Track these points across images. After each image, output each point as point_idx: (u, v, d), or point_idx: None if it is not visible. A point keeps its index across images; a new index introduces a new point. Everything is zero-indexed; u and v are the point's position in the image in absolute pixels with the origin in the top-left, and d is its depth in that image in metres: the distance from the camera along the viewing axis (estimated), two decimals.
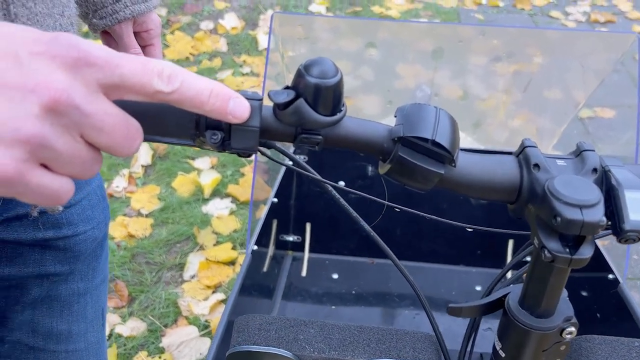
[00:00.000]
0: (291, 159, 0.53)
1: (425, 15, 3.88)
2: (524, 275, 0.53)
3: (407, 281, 0.66)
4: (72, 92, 0.36)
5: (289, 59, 1.47)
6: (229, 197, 2.30)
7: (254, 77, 3.06)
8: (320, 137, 0.46)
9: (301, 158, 1.54)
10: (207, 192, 2.29)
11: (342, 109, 0.46)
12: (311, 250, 1.58)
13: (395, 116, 0.47)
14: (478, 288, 1.55)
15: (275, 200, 1.44)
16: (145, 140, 0.44)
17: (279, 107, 0.45)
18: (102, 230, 0.82)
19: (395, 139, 0.46)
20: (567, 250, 0.45)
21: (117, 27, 0.83)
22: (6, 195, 0.37)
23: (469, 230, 0.58)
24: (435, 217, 0.55)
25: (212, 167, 2.44)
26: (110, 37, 0.86)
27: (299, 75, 0.44)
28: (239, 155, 0.47)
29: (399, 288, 1.51)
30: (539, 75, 1.65)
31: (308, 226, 1.59)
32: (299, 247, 1.60)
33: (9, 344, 0.80)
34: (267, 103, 0.47)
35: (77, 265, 0.80)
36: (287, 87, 0.45)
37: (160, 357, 1.68)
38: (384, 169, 0.47)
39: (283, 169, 1.54)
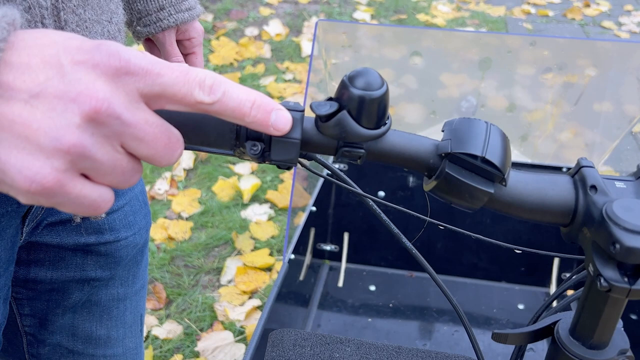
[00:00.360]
0: (332, 171, 0.51)
1: (472, 23, 3.82)
2: (574, 301, 0.50)
3: (447, 298, 0.63)
4: (113, 102, 0.36)
5: (332, 67, 1.46)
6: (267, 202, 2.30)
7: (296, 83, 3.06)
8: (362, 150, 0.44)
9: (340, 167, 1.52)
10: (246, 197, 2.30)
11: (386, 122, 0.44)
12: (348, 261, 1.56)
13: (443, 130, 0.45)
14: (520, 306, 1.49)
15: (314, 209, 1.43)
16: (185, 149, 0.43)
17: (321, 119, 0.43)
18: (143, 236, 0.82)
19: (443, 154, 0.43)
20: (626, 279, 0.42)
21: (160, 35, 0.83)
22: (46, 205, 0.37)
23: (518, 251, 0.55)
24: (481, 236, 0.53)
25: (252, 173, 2.45)
26: (153, 45, 0.87)
27: (343, 86, 0.43)
28: (278, 167, 0.46)
29: (438, 303, 1.47)
30: (590, 87, 1.59)
31: (346, 236, 1.57)
32: (336, 256, 1.58)
33: (50, 346, 0.81)
34: (309, 114, 0.45)
35: (118, 270, 0.80)
36: (330, 99, 0.44)
37: None
38: (429, 185, 0.45)
39: (322, 178, 1.53)
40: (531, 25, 3.86)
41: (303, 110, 0.44)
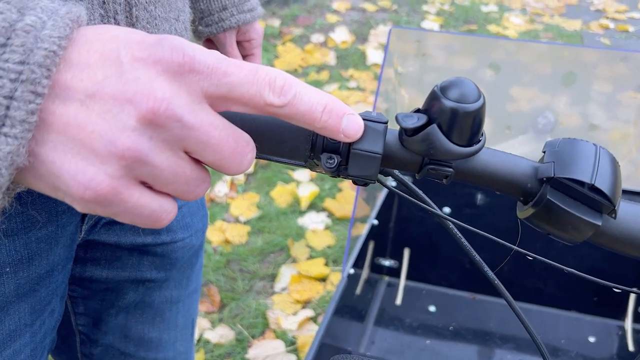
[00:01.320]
0: (412, 190, 0.46)
1: (546, 37, 3.67)
2: None
3: (525, 329, 0.57)
4: (173, 102, 0.32)
5: (402, 76, 1.41)
6: (325, 211, 2.26)
7: (360, 91, 3.02)
8: (451, 169, 0.39)
9: (406, 179, 1.46)
10: (304, 205, 2.27)
11: (480, 139, 0.39)
12: (408, 278, 1.50)
13: (544, 151, 0.40)
14: (592, 339, 1.39)
15: (376, 222, 1.38)
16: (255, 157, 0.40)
17: (406, 133, 0.39)
18: (200, 238, 0.81)
19: (544, 179, 0.38)
20: None
21: (221, 35, 0.83)
22: (103, 215, 0.34)
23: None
24: (575, 271, 0.47)
25: (311, 180, 2.42)
26: (213, 46, 0.86)
27: (434, 97, 0.38)
28: (355, 183, 0.42)
29: (502, 328, 1.39)
30: None
31: (406, 251, 1.51)
32: (395, 272, 1.52)
33: (102, 347, 0.80)
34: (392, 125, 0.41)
35: (173, 272, 0.79)
36: (417, 110, 0.39)
37: None
38: (525, 212, 0.40)
39: (385, 190, 1.48)
40: (609, 41, 3.68)
41: (386, 122, 0.39)
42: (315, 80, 3.11)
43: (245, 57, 0.87)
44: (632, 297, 1.42)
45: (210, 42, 0.86)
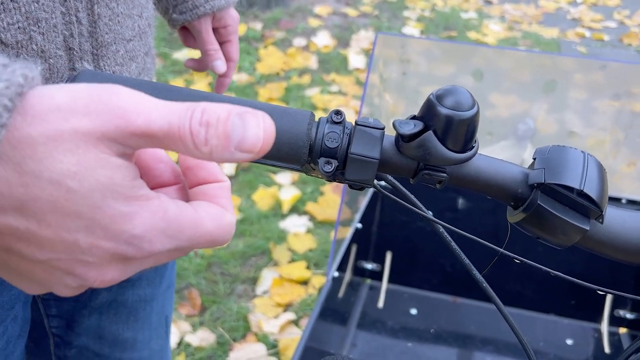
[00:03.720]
0: (403, 194, 0.47)
1: (524, 44, 3.74)
2: None
3: (513, 332, 0.58)
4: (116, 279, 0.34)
5: (386, 81, 1.43)
6: (306, 214, 2.27)
7: (342, 96, 3.04)
8: (445, 175, 0.40)
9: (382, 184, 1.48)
10: (285, 208, 2.28)
11: (474, 145, 0.41)
12: (390, 281, 1.52)
13: (534, 158, 0.41)
14: (569, 342, 1.42)
15: (360, 225, 1.39)
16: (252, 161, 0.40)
17: (403, 139, 0.40)
18: None
19: (535, 184, 0.40)
20: None
21: (196, 22, 0.82)
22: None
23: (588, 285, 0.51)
24: (560, 274, 0.48)
25: (293, 183, 2.42)
26: (188, 33, 0.85)
27: (430, 104, 0.39)
28: (351, 187, 0.43)
29: (482, 331, 1.41)
30: None
31: (388, 255, 1.53)
32: (377, 276, 1.53)
33: (76, 348, 0.80)
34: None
35: (145, 270, 0.79)
36: (413, 117, 0.41)
37: None
38: (515, 217, 0.41)
39: (369, 194, 1.49)
40: (585, 49, 3.75)
41: (383, 128, 0.40)
42: (297, 84, 3.11)
43: (221, 44, 0.85)
44: (608, 300, 1.45)
45: (185, 30, 0.85)
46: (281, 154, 0.41)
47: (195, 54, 0.88)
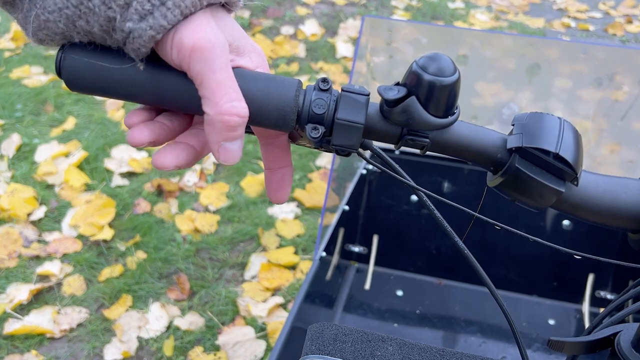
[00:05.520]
0: (386, 161, 0.49)
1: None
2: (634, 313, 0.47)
3: (503, 313, 0.60)
4: None
5: (373, 68, 1.44)
6: (295, 201, 2.28)
7: None
8: (427, 140, 0.42)
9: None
10: None
11: (455, 111, 0.42)
12: (376, 264, 1.54)
13: (513, 124, 0.43)
14: (551, 322, 1.45)
15: (347, 207, 1.41)
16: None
17: (387, 104, 0.41)
18: None
19: (513, 149, 0.41)
20: None
21: None
22: None
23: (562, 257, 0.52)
24: (539, 239, 0.50)
25: None
26: None
27: (412, 71, 0.41)
28: (337, 153, 0.44)
29: (466, 313, 1.44)
30: (629, 103, 1.54)
31: (375, 238, 1.55)
32: (364, 258, 1.56)
33: None
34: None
35: None
36: (397, 84, 0.42)
37: (215, 355, 1.67)
38: (494, 181, 0.43)
39: (356, 177, 1.51)
40: (570, 39, 3.79)
41: (368, 95, 0.42)
42: (285, 72, 3.12)
43: None
44: (590, 281, 1.49)
45: None
46: (270, 120, 0.43)
47: None
